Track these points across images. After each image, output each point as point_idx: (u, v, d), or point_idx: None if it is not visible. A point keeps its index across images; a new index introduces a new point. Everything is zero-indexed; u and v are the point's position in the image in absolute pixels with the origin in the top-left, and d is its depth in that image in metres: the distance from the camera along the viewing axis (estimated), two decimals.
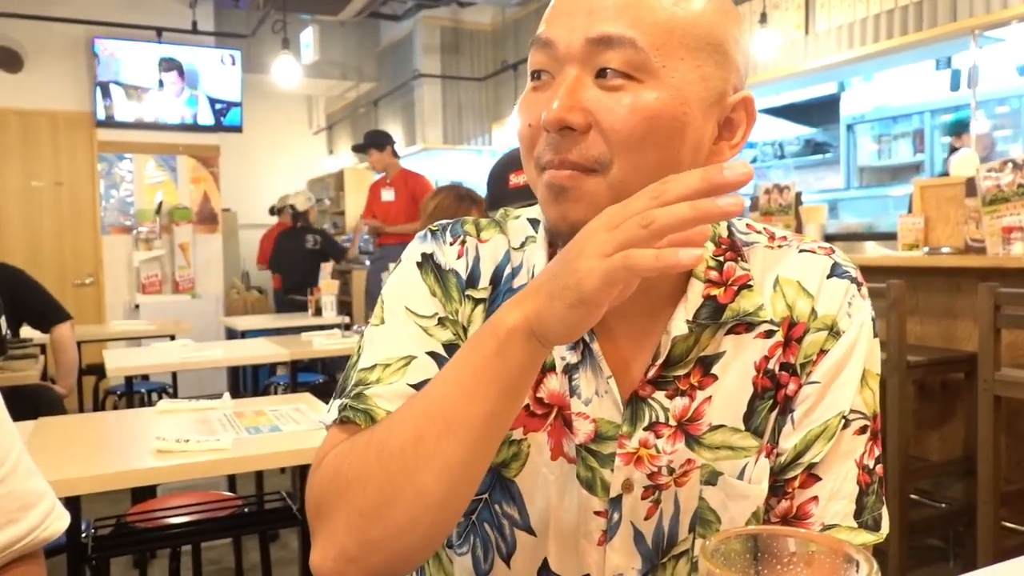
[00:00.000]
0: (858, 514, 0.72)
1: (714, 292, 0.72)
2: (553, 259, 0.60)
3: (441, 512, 0.62)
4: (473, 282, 0.76)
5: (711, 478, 0.72)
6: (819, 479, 0.72)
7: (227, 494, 2.21)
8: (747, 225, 0.79)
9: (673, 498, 0.73)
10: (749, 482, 0.72)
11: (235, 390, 4.72)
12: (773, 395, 0.73)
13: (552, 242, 0.74)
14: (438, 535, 0.65)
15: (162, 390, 4.11)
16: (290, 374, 3.76)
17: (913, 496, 2.83)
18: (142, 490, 2.44)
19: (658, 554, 0.74)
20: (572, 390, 0.73)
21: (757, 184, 4.42)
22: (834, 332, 0.73)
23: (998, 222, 2.69)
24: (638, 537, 0.73)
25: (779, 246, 0.77)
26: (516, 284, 0.75)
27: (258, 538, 2.42)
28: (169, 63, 6.19)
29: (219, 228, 6.54)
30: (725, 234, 0.75)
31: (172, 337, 4.14)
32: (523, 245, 0.77)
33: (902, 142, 5.83)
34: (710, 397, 0.72)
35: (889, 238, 3.49)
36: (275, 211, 6.96)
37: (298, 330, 4.03)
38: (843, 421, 0.72)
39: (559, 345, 0.61)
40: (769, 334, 0.73)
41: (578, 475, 0.73)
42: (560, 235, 0.67)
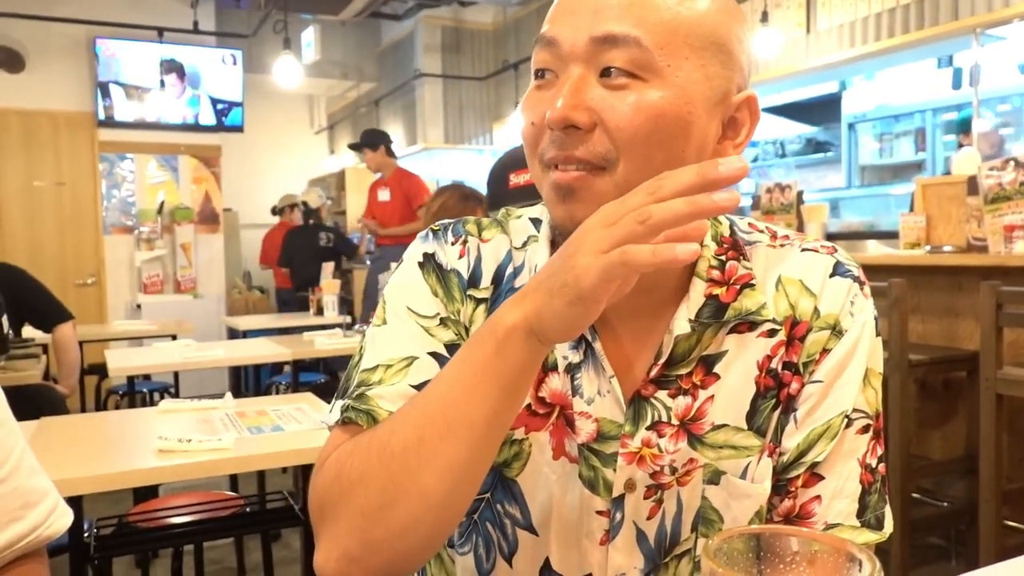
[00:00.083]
0: (861, 513, 0.71)
1: (716, 291, 0.72)
2: (551, 257, 0.60)
3: (443, 512, 0.62)
4: (475, 282, 0.76)
5: (714, 477, 0.72)
6: (822, 478, 0.72)
7: (229, 494, 2.21)
8: (749, 224, 0.79)
9: (676, 497, 0.73)
10: (752, 481, 0.72)
11: (237, 390, 4.72)
12: (776, 394, 0.73)
13: (555, 241, 0.74)
14: (440, 535, 0.65)
15: (164, 390, 4.11)
16: (292, 374, 3.76)
17: (915, 495, 2.83)
18: (144, 490, 2.44)
19: (660, 554, 0.74)
20: (574, 389, 0.72)
21: (758, 183, 4.42)
22: (837, 331, 0.73)
23: (1000, 220, 2.69)
24: (640, 537, 0.73)
25: (781, 245, 0.77)
26: (518, 283, 0.75)
27: (260, 538, 2.42)
28: (170, 65, 6.19)
29: (221, 228, 6.54)
30: (727, 233, 0.75)
31: (174, 337, 4.15)
32: (525, 244, 0.77)
33: (904, 141, 5.82)
34: (713, 396, 0.72)
35: (891, 237, 3.48)
36: (277, 211, 6.96)
37: (300, 330, 4.03)
38: (846, 420, 0.72)
39: (559, 343, 0.61)
40: (772, 333, 0.73)
41: (580, 474, 0.72)
42: (566, 234, 0.67)
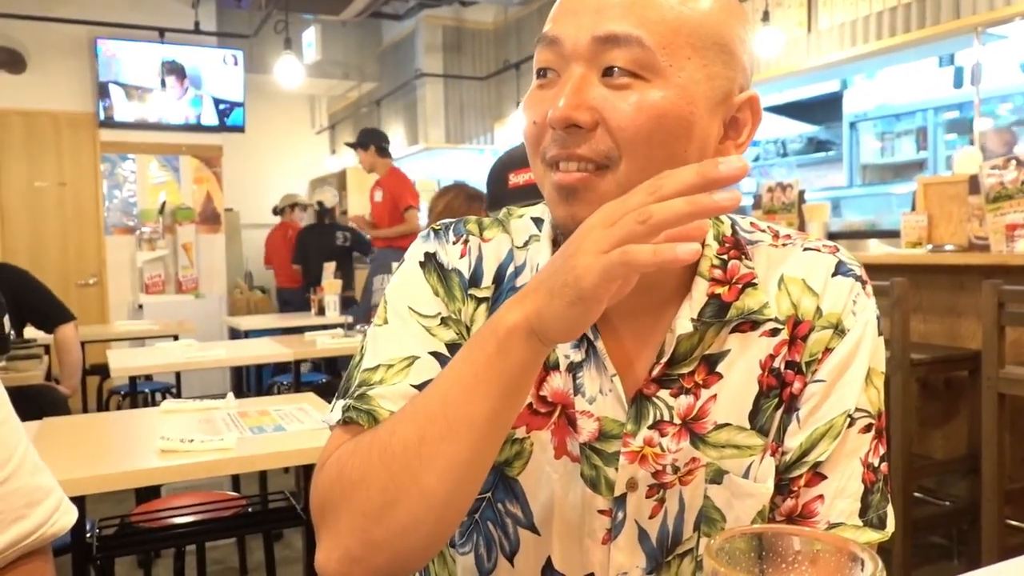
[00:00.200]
0: (863, 512, 0.71)
1: (718, 290, 0.72)
2: (552, 257, 0.60)
3: (444, 512, 0.62)
4: (476, 281, 0.76)
5: (716, 477, 0.72)
6: (824, 478, 0.72)
7: (231, 494, 2.22)
8: (751, 223, 0.79)
9: (678, 497, 0.73)
10: (754, 481, 0.72)
11: (238, 390, 4.73)
12: (778, 393, 0.73)
13: (556, 240, 0.74)
14: (442, 535, 0.65)
15: (166, 390, 4.11)
16: (293, 374, 3.77)
17: (917, 494, 2.83)
18: (146, 490, 2.44)
19: (663, 553, 0.74)
20: (576, 388, 0.72)
21: (760, 182, 4.41)
22: (839, 330, 0.73)
23: (1002, 219, 2.68)
24: (642, 536, 0.73)
25: (783, 244, 0.76)
26: (519, 283, 0.75)
27: (262, 538, 2.43)
28: (171, 66, 6.19)
29: (222, 228, 6.55)
30: (729, 232, 0.75)
31: (175, 337, 4.15)
32: (527, 244, 0.77)
33: (905, 140, 5.81)
34: (715, 395, 0.72)
35: (892, 236, 3.48)
36: (278, 211, 6.96)
37: (301, 330, 4.03)
38: (848, 419, 0.72)
39: (560, 343, 0.61)
40: (774, 332, 0.73)
41: (582, 474, 0.72)
42: (567, 234, 0.67)
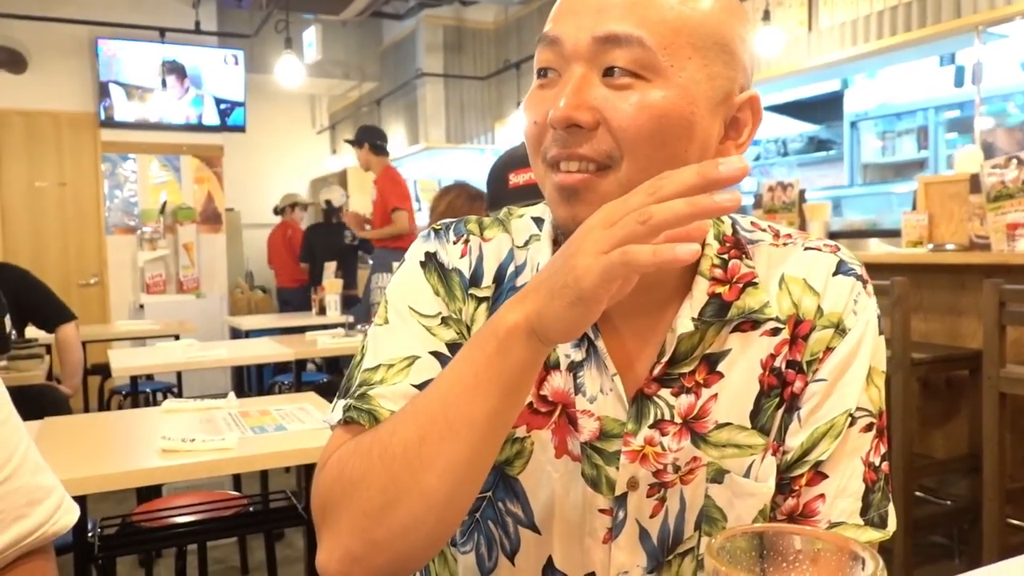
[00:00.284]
0: (864, 511, 0.71)
1: (719, 290, 0.72)
2: (552, 257, 0.60)
3: (445, 511, 0.62)
4: (476, 281, 0.76)
5: (717, 476, 0.72)
6: (826, 477, 0.72)
7: (232, 493, 2.22)
8: (751, 223, 0.79)
9: (679, 496, 0.73)
10: (756, 480, 0.72)
11: (239, 389, 4.73)
12: (780, 393, 0.73)
13: (557, 240, 0.74)
14: (442, 534, 0.65)
15: (167, 390, 4.11)
16: (294, 373, 3.77)
17: (918, 493, 2.83)
18: (147, 489, 2.45)
19: (664, 552, 0.74)
20: (577, 388, 0.72)
21: (760, 181, 4.41)
22: (840, 330, 0.73)
23: (1003, 218, 2.68)
24: (643, 535, 0.73)
25: (784, 244, 0.77)
26: (519, 282, 0.75)
27: (263, 537, 2.43)
28: (171, 65, 6.19)
29: (223, 228, 6.55)
30: (729, 232, 0.75)
31: (176, 337, 4.15)
32: (527, 243, 0.77)
33: (906, 139, 5.80)
34: (716, 395, 0.72)
35: (893, 235, 3.48)
36: (279, 211, 6.95)
37: (302, 329, 4.03)
38: (849, 419, 0.72)
39: (560, 343, 0.61)
40: (775, 332, 0.73)
41: (583, 473, 0.73)
42: (568, 234, 0.67)
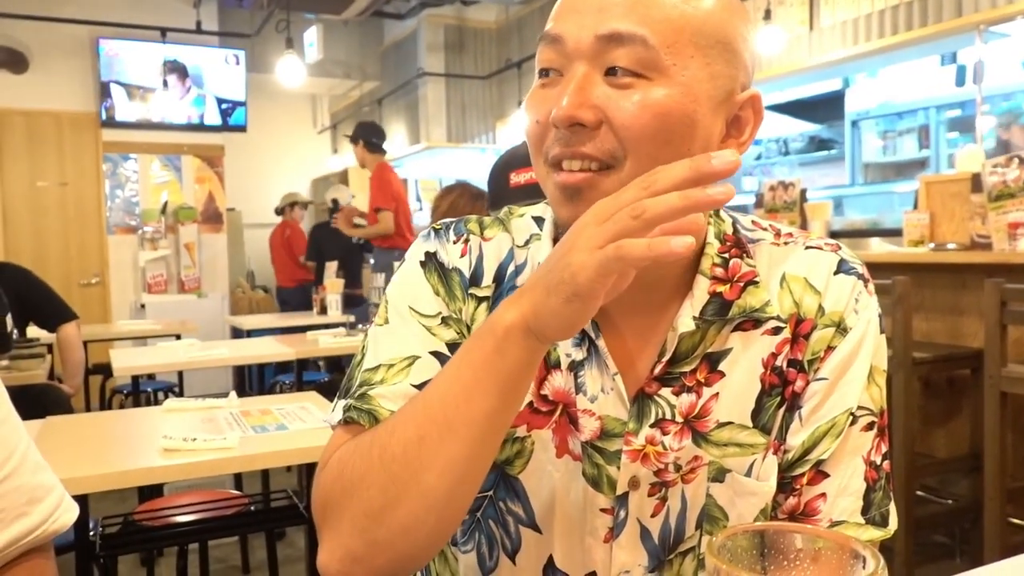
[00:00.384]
0: (865, 510, 0.71)
1: (720, 288, 0.72)
2: (548, 255, 0.60)
3: (445, 510, 0.62)
4: (476, 280, 0.76)
5: (719, 475, 0.72)
6: (827, 476, 0.72)
7: (233, 492, 2.22)
8: (752, 222, 0.79)
9: (680, 495, 0.73)
10: (757, 479, 0.72)
11: (241, 389, 4.73)
12: (781, 392, 0.73)
13: (557, 239, 0.74)
14: (443, 533, 0.65)
15: (168, 389, 4.11)
16: (296, 373, 3.77)
17: (919, 493, 2.83)
18: (149, 489, 2.45)
19: (665, 551, 0.74)
20: (578, 387, 0.72)
21: (762, 181, 4.41)
22: (841, 329, 0.73)
23: (1004, 218, 2.68)
24: (644, 534, 0.73)
25: (785, 243, 0.76)
26: (520, 282, 0.75)
27: (264, 536, 2.43)
28: (172, 65, 6.19)
29: (224, 227, 6.55)
30: (730, 231, 0.75)
31: (178, 336, 4.16)
32: (527, 243, 0.77)
33: (907, 138, 5.79)
34: (717, 394, 0.72)
35: (894, 234, 3.47)
36: (279, 211, 6.95)
37: (303, 329, 4.03)
38: (851, 418, 0.72)
39: (558, 341, 0.61)
40: (776, 331, 0.73)
41: (584, 472, 0.72)
42: None
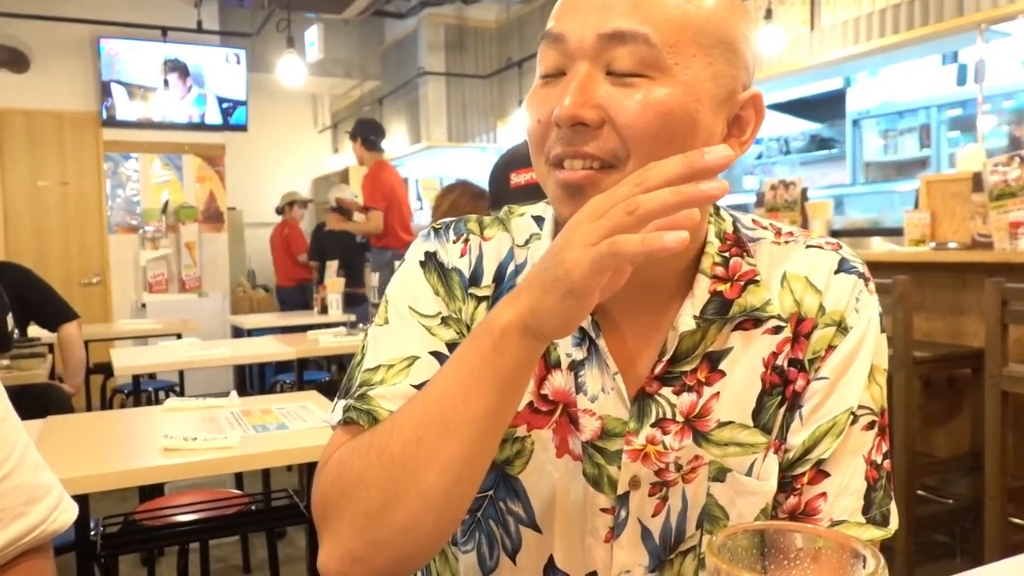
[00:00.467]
0: (866, 510, 0.71)
1: (721, 288, 0.72)
2: (543, 254, 0.60)
3: (444, 510, 0.62)
4: (476, 280, 0.76)
5: (719, 475, 0.72)
6: (827, 475, 0.72)
7: (234, 492, 2.22)
8: (753, 221, 0.79)
9: (681, 495, 0.72)
10: (758, 478, 0.72)
11: (241, 388, 4.73)
12: (781, 391, 0.73)
13: None
14: (442, 533, 0.65)
15: (169, 388, 4.12)
16: (296, 372, 3.77)
17: (920, 492, 2.83)
18: (150, 488, 2.45)
19: (665, 550, 0.74)
20: (578, 387, 0.72)
21: (763, 180, 4.40)
22: (842, 328, 0.73)
23: (1005, 217, 2.68)
24: (645, 534, 0.73)
25: (786, 242, 0.76)
26: (519, 282, 0.75)
27: (265, 536, 2.43)
28: (173, 64, 6.19)
29: (225, 227, 6.55)
30: (730, 230, 0.75)
31: (179, 336, 4.16)
32: (527, 242, 0.77)
33: (908, 137, 5.79)
34: (718, 393, 0.72)
35: (895, 234, 3.47)
36: (280, 210, 6.95)
37: (304, 328, 4.03)
38: (851, 417, 0.72)
39: (555, 339, 0.61)
40: (777, 330, 0.73)
41: (584, 472, 0.72)
42: None
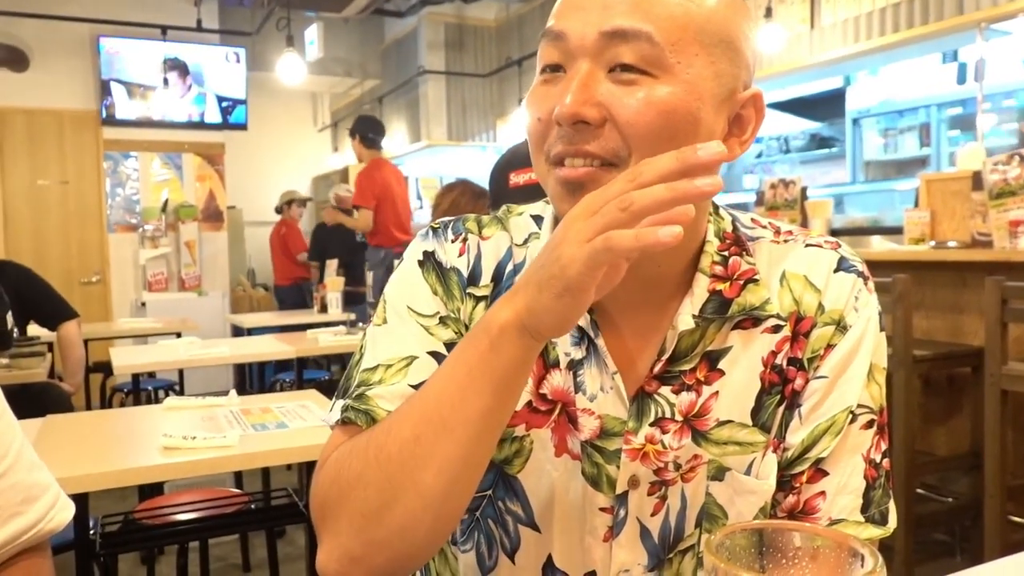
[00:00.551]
0: (865, 508, 0.71)
1: (720, 287, 0.71)
2: (539, 252, 0.60)
3: (442, 510, 0.62)
4: (475, 280, 0.76)
5: (718, 474, 0.72)
6: (826, 474, 0.72)
7: (234, 491, 2.22)
8: (752, 220, 0.78)
9: (680, 494, 0.72)
10: (757, 477, 0.72)
11: (241, 387, 4.74)
12: (780, 390, 0.73)
13: None
14: (440, 533, 0.65)
15: (168, 387, 4.11)
16: (296, 371, 3.77)
17: (919, 491, 2.83)
18: (149, 487, 2.45)
19: (664, 550, 0.74)
20: (577, 386, 0.72)
21: (762, 179, 4.40)
22: (841, 326, 0.73)
23: (1005, 216, 2.68)
24: (644, 533, 0.73)
25: (785, 240, 0.76)
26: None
27: (265, 535, 2.43)
28: (172, 63, 6.19)
29: (225, 226, 6.55)
30: (730, 229, 0.75)
31: (178, 334, 4.16)
32: (526, 242, 0.77)
33: (908, 136, 5.79)
34: (717, 392, 0.72)
35: (895, 232, 3.47)
36: (279, 209, 6.95)
37: (304, 327, 4.03)
38: (850, 416, 0.72)
39: (553, 337, 0.61)
40: (776, 329, 0.73)
41: (583, 471, 0.72)
42: None
